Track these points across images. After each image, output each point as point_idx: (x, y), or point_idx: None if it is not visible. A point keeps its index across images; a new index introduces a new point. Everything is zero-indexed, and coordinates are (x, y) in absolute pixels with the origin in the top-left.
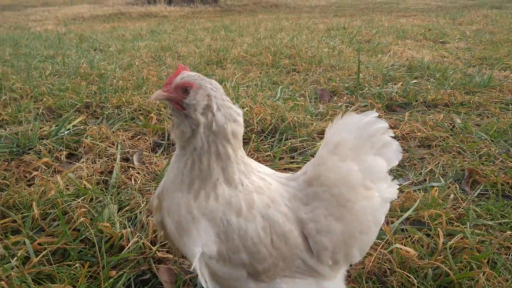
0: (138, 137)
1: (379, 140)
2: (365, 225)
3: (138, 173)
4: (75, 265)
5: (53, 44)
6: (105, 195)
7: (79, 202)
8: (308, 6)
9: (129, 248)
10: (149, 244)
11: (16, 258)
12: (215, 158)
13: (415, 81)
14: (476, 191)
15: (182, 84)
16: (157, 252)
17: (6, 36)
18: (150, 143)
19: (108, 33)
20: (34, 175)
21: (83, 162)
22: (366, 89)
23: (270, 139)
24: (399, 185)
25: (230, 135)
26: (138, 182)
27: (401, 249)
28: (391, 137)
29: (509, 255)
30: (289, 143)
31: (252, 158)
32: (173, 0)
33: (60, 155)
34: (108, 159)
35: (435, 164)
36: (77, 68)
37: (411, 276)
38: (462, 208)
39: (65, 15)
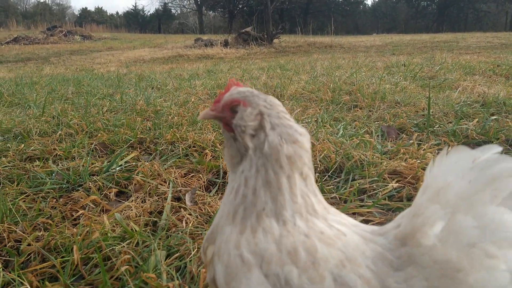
0: (192, 174)
1: (507, 186)
2: None
3: (190, 214)
4: None
5: (113, 83)
6: (153, 239)
7: (123, 246)
8: (364, 46)
9: None
10: None
11: None
12: (262, 183)
13: (494, 117)
14: None
15: (230, 102)
16: None
17: (71, 76)
18: (204, 182)
19: (166, 73)
20: (80, 214)
21: (132, 201)
22: (437, 126)
23: (335, 179)
24: None
25: (284, 159)
26: (190, 224)
27: None
28: None
29: None
30: (357, 184)
31: None
32: (229, 43)
33: (109, 192)
34: (159, 198)
35: None
36: (133, 105)
37: None
38: None
39: (127, 58)
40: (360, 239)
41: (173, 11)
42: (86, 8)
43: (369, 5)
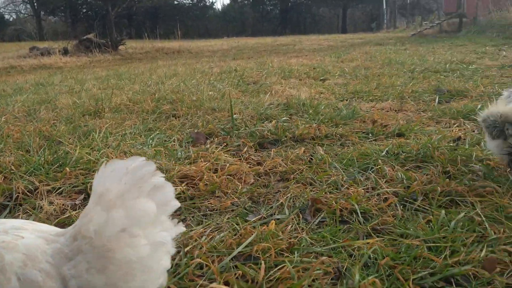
0: None
1: (149, 184)
2: (129, 274)
3: None
4: None
5: None
6: None
7: None
8: (211, 50)
9: None
10: None
11: None
12: None
13: (286, 117)
14: (316, 219)
15: None
16: None
17: None
18: None
19: None
20: None
21: None
22: (242, 129)
23: None
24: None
25: None
26: None
27: None
28: (163, 178)
29: (330, 280)
30: None
31: None
32: (70, 51)
33: None
34: None
35: (286, 197)
36: None
37: None
38: (298, 238)
39: None
40: (43, 241)
41: (7, 16)
42: None
43: (219, 9)
